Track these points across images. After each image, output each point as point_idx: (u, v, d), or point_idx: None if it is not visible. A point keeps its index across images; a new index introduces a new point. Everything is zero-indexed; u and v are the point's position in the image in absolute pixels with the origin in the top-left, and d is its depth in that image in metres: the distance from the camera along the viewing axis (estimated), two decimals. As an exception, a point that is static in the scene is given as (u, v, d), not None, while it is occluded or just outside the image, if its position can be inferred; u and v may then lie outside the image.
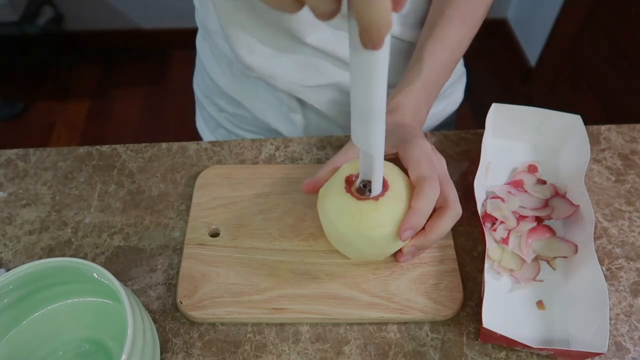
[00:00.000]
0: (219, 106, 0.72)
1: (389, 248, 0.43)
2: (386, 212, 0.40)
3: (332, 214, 0.42)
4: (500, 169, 0.56)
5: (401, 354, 0.43)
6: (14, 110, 1.96)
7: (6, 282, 0.37)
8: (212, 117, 0.75)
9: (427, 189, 0.41)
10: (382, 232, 0.40)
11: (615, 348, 0.43)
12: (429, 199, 0.40)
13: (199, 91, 0.76)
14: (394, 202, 0.41)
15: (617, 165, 0.57)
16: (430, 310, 0.44)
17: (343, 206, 0.41)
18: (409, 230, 0.40)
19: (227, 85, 0.68)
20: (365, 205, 0.40)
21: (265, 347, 0.43)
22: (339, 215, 0.41)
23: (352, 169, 0.43)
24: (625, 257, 0.49)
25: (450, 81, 0.69)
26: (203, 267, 0.47)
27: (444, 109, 0.72)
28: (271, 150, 0.59)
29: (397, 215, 0.40)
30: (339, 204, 0.41)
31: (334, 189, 0.42)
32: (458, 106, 0.76)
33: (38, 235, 0.51)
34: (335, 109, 0.65)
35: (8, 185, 0.56)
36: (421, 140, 0.44)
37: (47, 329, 0.41)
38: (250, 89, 0.67)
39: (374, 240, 0.41)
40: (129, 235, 0.51)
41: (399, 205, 0.41)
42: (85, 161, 0.58)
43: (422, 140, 0.44)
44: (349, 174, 0.43)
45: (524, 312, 0.45)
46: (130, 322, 0.34)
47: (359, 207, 0.40)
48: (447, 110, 0.73)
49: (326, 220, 0.43)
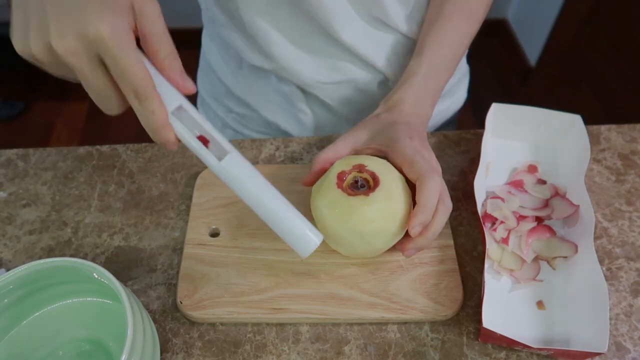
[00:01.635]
0: (227, 107, 0.72)
1: (380, 244, 0.43)
2: (376, 207, 0.41)
3: (323, 209, 0.42)
4: (500, 169, 0.56)
5: (401, 354, 0.43)
6: (14, 110, 1.96)
7: (6, 282, 0.37)
8: (219, 117, 0.74)
9: (430, 184, 0.41)
10: (372, 227, 0.41)
11: (615, 348, 0.43)
12: (433, 193, 0.41)
13: (205, 91, 0.76)
14: (385, 198, 0.41)
15: (617, 165, 0.57)
16: (430, 310, 0.44)
17: (334, 201, 0.42)
18: (418, 226, 0.41)
19: (235, 86, 0.68)
20: (355, 201, 0.41)
21: (265, 347, 0.43)
22: (329, 210, 0.42)
23: (344, 166, 0.44)
24: (625, 257, 0.49)
25: (454, 79, 0.69)
26: (203, 267, 0.47)
27: (448, 107, 0.72)
28: (271, 150, 0.59)
29: (387, 210, 0.41)
30: (330, 199, 0.42)
31: (326, 184, 0.43)
32: (462, 104, 0.76)
33: (38, 235, 0.51)
34: (347, 105, 0.65)
35: (8, 185, 0.56)
36: (408, 139, 0.45)
37: (47, 329, 0.41)
38: (259, 90, 0.66)
39: (364, 236, 0.41)
40: (129, 235, 0.51)
41: (389, 201, 0.41)
42: (85, 161, 0.58)
43: (409, 139, 0.45)
44: (341, 170, 0.43)
45: (524, 312, 0.45)
46: (130, 322, 0.34)
47: (350, 202, 0.41)
48: (452, 108, 0.74)
49: (318, 216, 0.44)
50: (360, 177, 0.43)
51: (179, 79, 0.35)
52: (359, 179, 0.43)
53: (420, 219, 0.41)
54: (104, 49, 0.30)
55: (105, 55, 0.31)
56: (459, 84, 0.72)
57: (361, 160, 0.44)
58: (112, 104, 0.34)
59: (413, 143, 0.45)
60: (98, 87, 0.33)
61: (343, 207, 0.41)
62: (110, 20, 0.30)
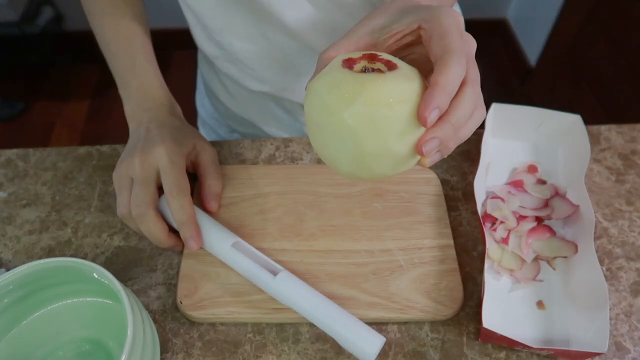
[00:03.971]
0: (230, 126, 0.71)
1: (394, 140, 0.31)
2: (394, 85, 0.30)
3: (324, 91, 0.31)
4: (500, 169, 0.56)
5: (401, 354, 0.43)
6: (14, 110, 1.96)
7: (6, 282, 0.37)
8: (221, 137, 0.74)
9: (455, 63, 0.30)
10: (389, 114, 0.30)
11: (615, 348, 0.43)
12: (455, 75, 0.31)
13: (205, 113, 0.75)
14: (405, 79, 0.31)
15: (617, 165, 0.57)
16: (430, 310, 0.44)
17: (336, 80, 0.31)
18: (435, 111, 0.30)
19: (236, 107, 0.67)
20: (367, 77, 0.31)
21: (265, 347, 0.43)
22: (332, 90, 0.31)
23: (352, 54, 0.34)
24: (625, 257, 0.49)
25: None
26: (203, 267, 0.47)
27: None
28: (271, 150, 0.59)
29: (408, 93, 0.31)
30: (333, 79, 0.31)
31: (326, 70, 0.33)
32: None
33: (38, 235, 0.51)
34: None
35: (8, 185, 0.56)
36: (451, 10, 0.33)
37: (47, 329, 0.41)
38: (260, 108, 0.66)
39: (378, 125, 0.30)
40: (129, 235, 0.51)
41: (411, 84, 0.31)
42: (85, 161, 0.58)
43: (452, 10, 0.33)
44: (348, 57, 0.33)
45: (524, 312, 0.45)
46: (130, 322, 0.34)
47: (360, 79, 0.30)
48: None
49: (315, 104, 0.32)
50: (372, 67, 0.33)
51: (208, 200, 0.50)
52: (370, 69, 0.32)
53: (436, 101, 0.30)
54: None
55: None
56: None
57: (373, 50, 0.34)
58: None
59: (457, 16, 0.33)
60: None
61: (351, 85, 0.30)
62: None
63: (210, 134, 0.77)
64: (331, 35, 0.55)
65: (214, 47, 0.60)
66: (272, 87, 0.60)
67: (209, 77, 0.70)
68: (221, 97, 0.68)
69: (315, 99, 0.32)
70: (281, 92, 0.60)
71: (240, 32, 0.56)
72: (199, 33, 0.60)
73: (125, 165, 0.47)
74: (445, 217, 0.51)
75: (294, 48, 0.56)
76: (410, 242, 0.48)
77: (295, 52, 0.57)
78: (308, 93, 0.33)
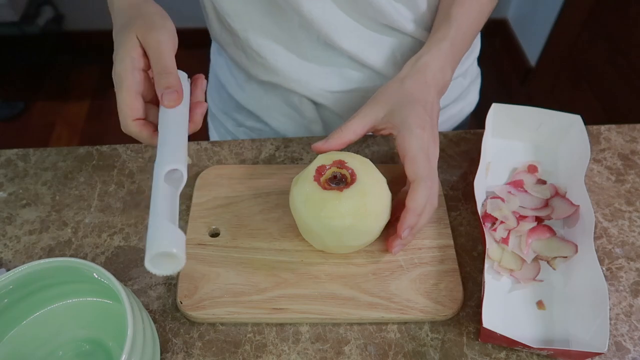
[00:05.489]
0: (237, 120, 0.72)
1: (351, 241, 0.44)
2: (348, 203, 0.41)
3: (298, 201, 0.44)
4: (500, 169, 0.56)
5: (401, 354, 0.43)
6: (14, 110, 1.96)
7: (6, 282, 0.37)
8: (230, 132, 0.74)
9: (422, 191, 0.43)
10: (342, 223, 0.42)
11: (615, 348, 0.43)
12: (423, 199, 0.43)
13: (215, 106, 0.76)
14: (358, 195, 0.42)
15: (617, 165, 0.57)
16: (430, 310, 0.44)
17: (308, 194, 0.43)
18: (407, 230, 0.43)
19: (244, 100, 0.68)
20: (328, 195, 0.42)
21: (265, 347, 0.43)
22: (303, 203, 0.43)
23: (325, 160, 0.45)
24: (625, 257, 0.49)
25: (465, 82, 0.69)
26: (203, 267, 0.47)
27: (461, 110, 0.72)
28: (271, 150, 0.59)
29: (358, 208, 0.42)
30: (305, 192, 0.43)
31: (304, 176, 0.44)
32: (474, 107, 0.76)
33: (38, 235, 0.51)
34: None
35: (8, 185, 0.56)
36: (420, 130, 0.45)
37: (47, 329, 0.41)
38: (268, 103, 0.66)
39: (334, 230, 0.42)
40: (129, 235, 0.51)
41: (362, 199, 0.42)
42: (85, 161, 0.58)
43: (420, 130, 0.45)
44: (321, 164, 0.44)
45: (524, 312, 0.45)
46: (130, 322, 0.34)
47: (322, 196, 0.42)
48: (465, 111, 0.74)
49: (293, 207, 0.45)
50: (340, 172, 0.44)
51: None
52: (338, 174, 0.44)
53: (408, 223, 0.43)
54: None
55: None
56: (470, 87, 0.72)
57: (343, 156, 0.45)
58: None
59: (423, 135, 0.45)
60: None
61: (315, 200, 0.42)
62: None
63: (218, 128, 0.77)
64: (345, 27, 0.55)
65: (227, 34, 0.60)
66: (281, 78, 0.60)
67: (219, 68, 0.70)
68: (230, 90, 0.69)
69: (295, 202, 0.44)
70: (290, 84, 0.60)
71: (254, 20, 0.56)
72: (212, 18, 0.60)
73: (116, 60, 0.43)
74: (445, 217, 0.51)
75: (307, 39, 0.57)
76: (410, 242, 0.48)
77: (308, 43, 0.57)
78: (292, 189, 0.45)
